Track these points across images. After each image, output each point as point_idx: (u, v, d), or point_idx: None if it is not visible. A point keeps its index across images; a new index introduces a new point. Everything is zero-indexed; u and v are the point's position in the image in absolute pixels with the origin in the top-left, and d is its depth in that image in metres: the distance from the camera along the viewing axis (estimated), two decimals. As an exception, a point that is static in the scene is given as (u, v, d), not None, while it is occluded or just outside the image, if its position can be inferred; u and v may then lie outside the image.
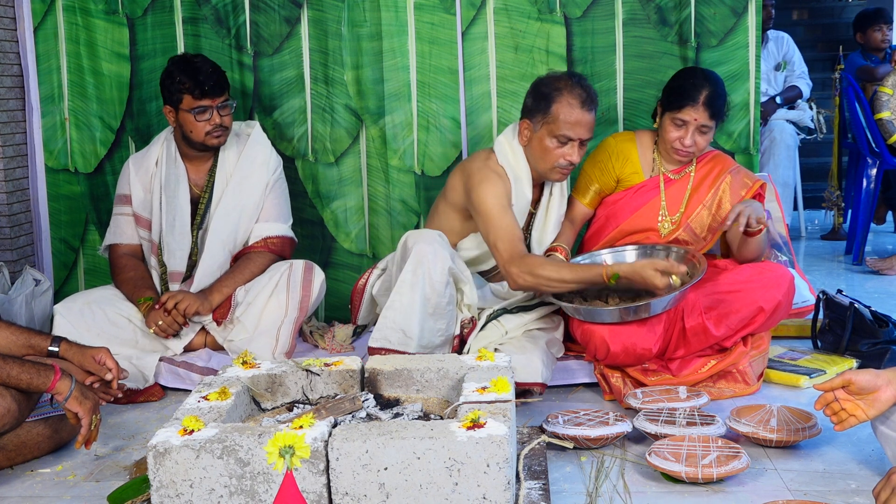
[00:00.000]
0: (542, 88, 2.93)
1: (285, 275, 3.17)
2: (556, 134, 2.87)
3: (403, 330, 2.73)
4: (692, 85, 3.00)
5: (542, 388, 2.81)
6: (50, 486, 2.36)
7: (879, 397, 2.08)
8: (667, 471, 2.22)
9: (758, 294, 2.89)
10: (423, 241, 2.77)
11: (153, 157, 3.31)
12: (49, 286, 3.61)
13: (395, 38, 3.60)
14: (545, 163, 2.93)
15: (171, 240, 3.23)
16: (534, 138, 2.93)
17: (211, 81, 3.12)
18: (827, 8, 8.05)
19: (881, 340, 3.18)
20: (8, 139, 3.66)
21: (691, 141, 3.01)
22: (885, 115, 4.77)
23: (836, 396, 2.12)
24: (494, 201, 2.88)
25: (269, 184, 3.31)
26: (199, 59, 3.20)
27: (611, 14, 3.55)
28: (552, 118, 2.87)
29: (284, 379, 2.35)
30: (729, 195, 3.07)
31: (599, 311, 2.81)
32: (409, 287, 2.73)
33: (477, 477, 1.85)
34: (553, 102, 2.88)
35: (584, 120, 2.88)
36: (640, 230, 3.14)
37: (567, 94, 2.87)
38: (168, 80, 3.17)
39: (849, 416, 2.11)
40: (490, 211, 2.88)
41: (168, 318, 3.07)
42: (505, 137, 3.02)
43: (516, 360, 2.76)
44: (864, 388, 2.09)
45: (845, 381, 2.10)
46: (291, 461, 1.59)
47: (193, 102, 3.12)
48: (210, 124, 3.16)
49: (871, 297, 4.07)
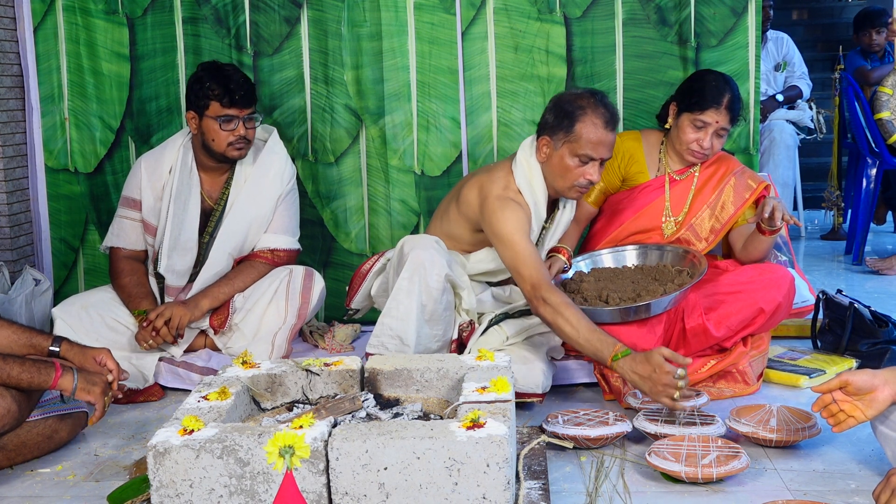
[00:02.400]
0: (564, 106, 2.82)
1: (285, 281, 3.15)
2: (578, 153, 2.79)
3: (400, 337, 2.72)
4: (715, 88, 2.99)
5: (541, 398, 2.81)
6: (50, 485, 2.36)
7: (877, 397, 2.08)
8: (666, 471, 2.22)
9: (758, 295, 2.89)
10: (420, 247, 2.74)
11: (167, 164, 3.20)
12: (49, 286, 3.60)
13: (395, 38, 3.60)
14: (564, 181, 2.85)
15: (172, 255, 3.14)
16: (554, 156, 2.84)
17: (241, 91, 3.04)
18: (827, 8, 8.05)
19: (881, 340, 3.18)
20: (8, 139, 3.66)
21: (709, 143, 3.02)
22: (884, 115, 4.77)
23: (834, 398, 2.12)
24: (515, 227, 2.78)
25: (282, 196, 3.23)
26: (230, 67, 3.12)
27: (611, 14, 3.55)
28: (575, 137, 2.79)
29: (284, 379, 2.35)
30: (732, 197, 3.07)
31: (599, 311, 2.81)
32: (406, 294, 2.71)
33: (477, 477, 1.85)
34: (577, 121, 2.78)
35: (607, 140, 2.80)
36: (644, 229, 3.14)
37: (591, 113, 2.79)
38: (197, 84, 3.07)
39: (847, 417, 2.11)
40: (511, 238, 2.77)
41: (157, 337, 3.02)
42: (523, 155, 2.91)
43: (517, 369, 2.73)
44: (861, 388, 2.09)
45: (842, 382, 2.10)
46: (291, 461, 1.58)
47: (221, 110, 3.04)
48: (234, 135, 3.07)
49: (870, 297, 4.07)
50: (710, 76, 3.09)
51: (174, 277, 3.17)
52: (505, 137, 3.64)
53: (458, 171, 3.66)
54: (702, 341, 2.91)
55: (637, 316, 2.80)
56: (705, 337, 2.90)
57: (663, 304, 2.80)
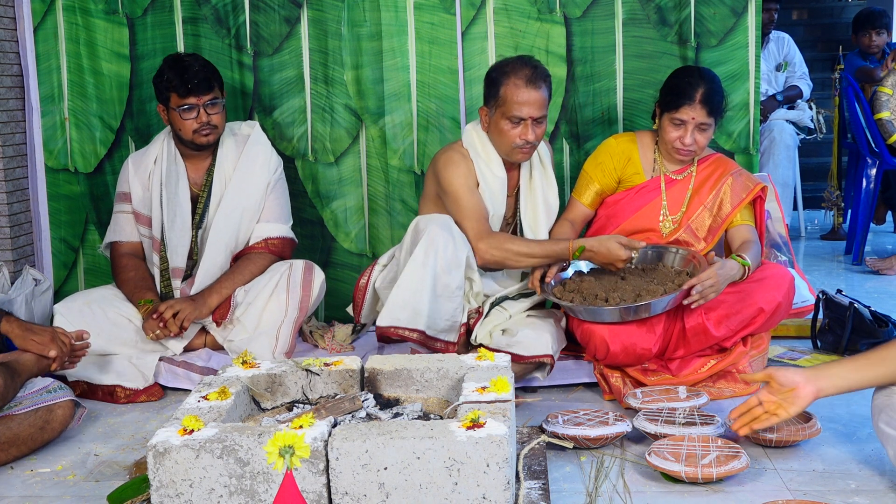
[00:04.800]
0: (491, 73, 2.99)
1: (285, 275, 3.18)
2: (507, 115, 2.91)
3: (413, 307, 2.78)
4: (688, 84, 3.00)
5: (551, 360, 2.85)
6: (50, 485, 2.36)
7: (799, 394, 2.15)
8: (666, 471, 2.22)
9: (758, 295, 2.89)
10: (436, 223, 2.84)
11: (152, 155, 3.30)
12: (49, 286, 3.61)
13: (394, 38, 3.60)
14: (505, 145, 2.97)
15: (172, 235, 3.23)
16: (492, 123, 2.98)
17: (196, 79, 3.10)
18: (827, 8, 8.05)
19: (881, 340, 3.19)
20: (8, 139, 3.66)
21: (691, 139, 3.01)
22: (884, 115, 4.77)
23: (760, 398, 2.22)
24: (460, 181, 2.97)
25: (270, 184, 3.31)
26: (190, 57, 3.20)
27: (611, 14, 3.55)
28: (502, 101, 2.92)
29: (284, 379, 2.35)
30: (730, 197, 3.07)
31: (599, 311, 2.81)
32: (421, 265, 2.78)
33: (477, 477, 1.86)
34: (501, 85, 2.92)
35: (531, 98, 2.90)
36: (642, 230, 3.14)
37: (513, 75, 2.91)
38: (157, 78, 3.19)
39: (770, 416, 2.20)
40: (457, 191, 2.96)
41: (164, 328, 3.06)
42: (472, 125, 3.09)
43: (525, 334, 2.84)
44: (783, 384, 2.17)
45: (767, 375, 2.20)
46: (291, 461, 1.58)
47: (180, 101, 3.12)
48: (197, 122, 3.14)
49: (870, 297, 4.07)
50: (683, 73, 3.09)
51: (178, 258, 3.23)
52: (505, 137, 3.64)
53: (458, 171, 3.66)
54: (702, 341, 2.91)
55: (637, 316, 2.80)
56: (705, 337, 2.90)
57: (663, 304, 2.80)
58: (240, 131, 3.36)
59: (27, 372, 2.56)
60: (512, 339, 2.84)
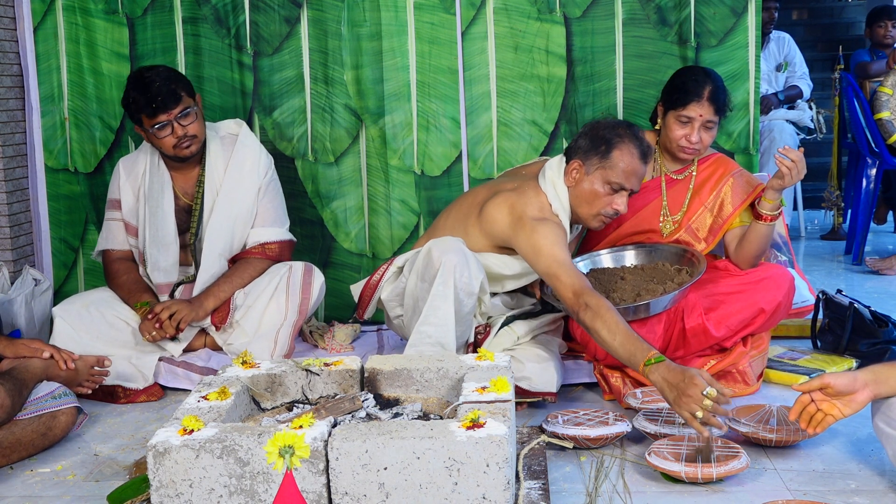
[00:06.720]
0: (602, 132, 2.80)
1: (285, 277, 3.16)
2: (610, 180, 2.77)
3: (441, 343, 2.70)
4: (695, 81, 3.00)
5: (553, 396, 2.83)
6: (50, 485, 2.36)
7: (856, 398, 2.12)
8: (666, 471, 2.22)
9: (758, 295, 2.89)
10: (451, 251, 2.71)
11: (141, 165, 3.23)
12: (49, 286, 3.60)
13: (394, 37, 3.60)
14: (591, 208, 2.82)
15: (154, 251, 3.16)
16: (584, 181, 2.80)
17: (160, 95, 2.98)
18: (827, 8, 8.05)
19: (881, 340, 3.18)
20: (8, 139, 3.66)
21: (697, 137, 3.01)
22: (884, 115, 4.77)
23: (813, 398, 2.15)
24: (553, 241, 2.72)
25: (262, 188, 3.24)
26: (151, 72, 3.06)
27: (611, 14, 3.55)
28: (610, 164, 2.76)
29: (284, 379, 2.35)
30: (731, 197, 3.07)
31: (599, 311, 2.80)
32: (443, 300, 2.70)
33: (476, 477, 1.85)
34: (614, 148, 2.76)
35: (640, 171, 2.79)
36: (642, 231, 3.14)
37: (629, 142, 2.78)
38: (125, 101, 3.08)
39: (825, 416, 2.14)
40: (550, 251, 2.70)
41: (161, 330, 3.03)
42: (552, 175, 2.86)
43: (533, 368, 2.77)
44: (841, 391, 2.12)
45: (823, 384, 2.13)
46: (291, 461, 1.59)
47: (150, 120, 3.02)
48: (174, 137, 3.05)
49: (870, 297, 4.07)
50: (689, 72, 3.10)
51: (160, 275, 3.18)
52: (505, 137, 3.64)
53: (458, 170, 3.66)
54: (702, 341, 2.91)
55: (637, 315, 2.80)
56: (705, 337, 2.90)
57: (663, 304, 2.80)
58: (226, 132, 3.27)
59: (34, 378, 2.59)
60: (519, 373, 2.77)
